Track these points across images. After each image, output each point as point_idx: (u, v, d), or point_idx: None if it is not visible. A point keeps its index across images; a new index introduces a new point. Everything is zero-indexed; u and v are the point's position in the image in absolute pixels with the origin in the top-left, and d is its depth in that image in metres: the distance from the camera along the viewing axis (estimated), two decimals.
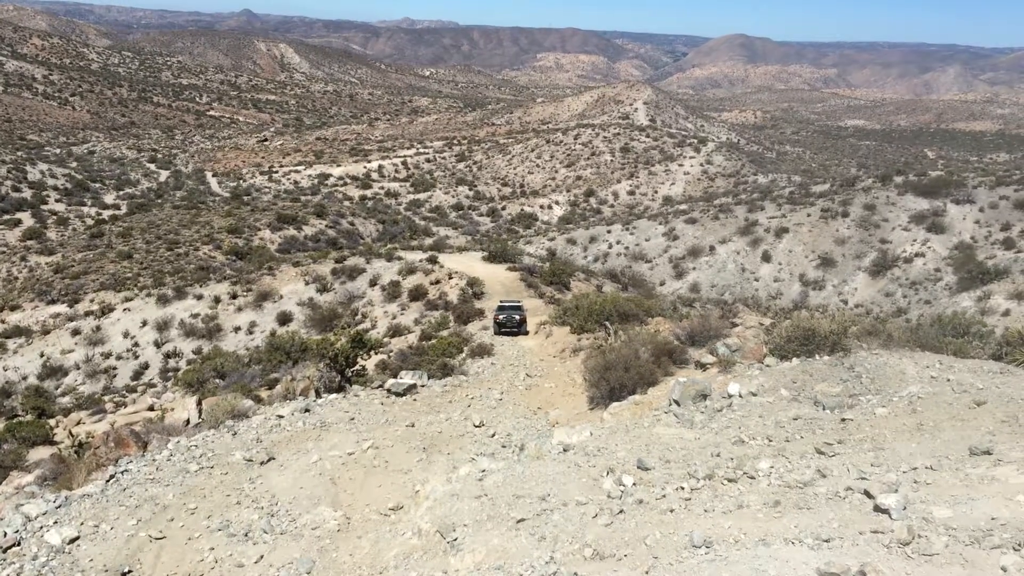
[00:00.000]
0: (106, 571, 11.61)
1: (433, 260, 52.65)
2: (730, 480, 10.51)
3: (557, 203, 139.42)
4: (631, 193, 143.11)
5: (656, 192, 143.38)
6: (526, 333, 31.42)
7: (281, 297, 52.10)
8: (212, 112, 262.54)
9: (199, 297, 53.28)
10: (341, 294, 51.05)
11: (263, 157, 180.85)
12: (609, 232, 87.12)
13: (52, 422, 31.88)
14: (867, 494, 9.21)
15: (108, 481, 14.47)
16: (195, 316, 51.03)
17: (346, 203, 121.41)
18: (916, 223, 73.95)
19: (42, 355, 48.70)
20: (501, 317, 32.27)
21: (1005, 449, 10.32)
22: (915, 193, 78.16)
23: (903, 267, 69.33)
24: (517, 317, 31.97)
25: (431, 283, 48.42)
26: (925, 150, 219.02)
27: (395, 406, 19.55)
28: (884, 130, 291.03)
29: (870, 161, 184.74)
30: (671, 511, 9.78)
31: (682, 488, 10.44)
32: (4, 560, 11.82)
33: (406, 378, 21.54)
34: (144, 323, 51.11)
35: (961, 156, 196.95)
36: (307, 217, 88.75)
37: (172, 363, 46.78)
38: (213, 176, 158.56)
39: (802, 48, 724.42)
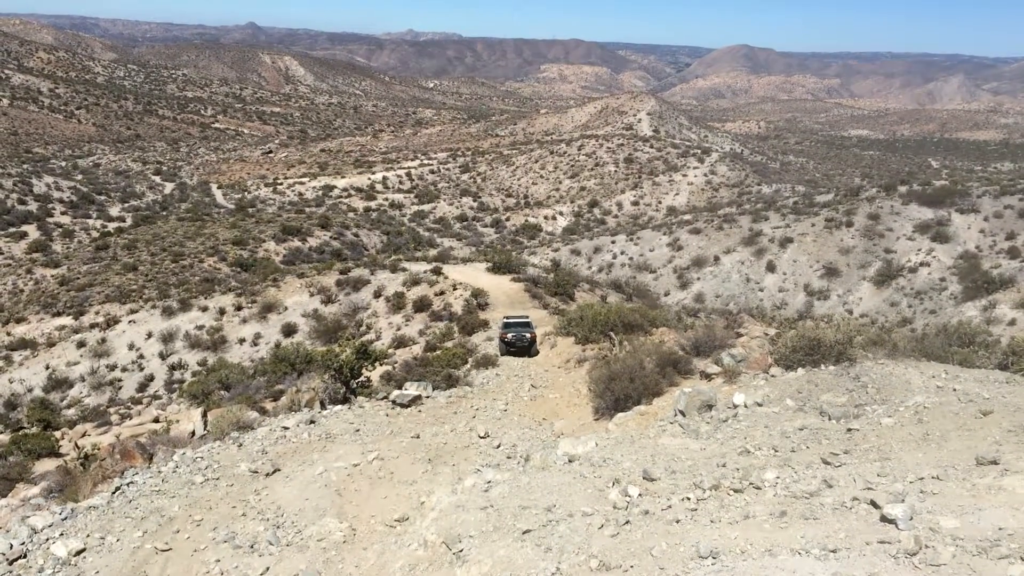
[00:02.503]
0: None
1: (437, 271, 52.68)
2: (736, 490, 10.49)
3: (561, 214, 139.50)
4: (635, 203, 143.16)
5: (660, 202, 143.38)
6: (536, 354, 28.46)
7: (286, 308, 52.15)
8: (217, 124, 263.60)
9: (204, 309, 53.36)
10: (346, 305, 51.08)
11: (268, 169, 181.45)
12: (613, 243, 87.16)
13: (58, 434, 31.92)
14: (874, 504, 9.19)
15: (114, 493, 14.48)
16: (200, 328, 51.09)
17: (350, 214, 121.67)
18: (921, 232, 73.86)
19: (47, 367, 48.78)
20: (510, 336, 28.86)
21: (1012, 459, 10.30)
22: (919, 203, 78.12)
23: (908, 277, 69.20)
24: (528, 335, 28.77)
25: (435, 294, 48.43)
26: (929, 160, 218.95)
27: (400, 417, 19.55)
28: (888, 140, 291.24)
29: (874, 171, 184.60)
30: (677, 521, 9.76)
31: (688, 498, 10.42)
32: (11, 572, 11.84)
33: (411, 389, 21.54)
34: (149, 335, 51.20)
35: (965, 166, 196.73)
36: (312, 229, 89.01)
37: (177, 375, 46.82)
38: (218, 188, 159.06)
39: (805, 58, 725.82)
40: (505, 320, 31.38)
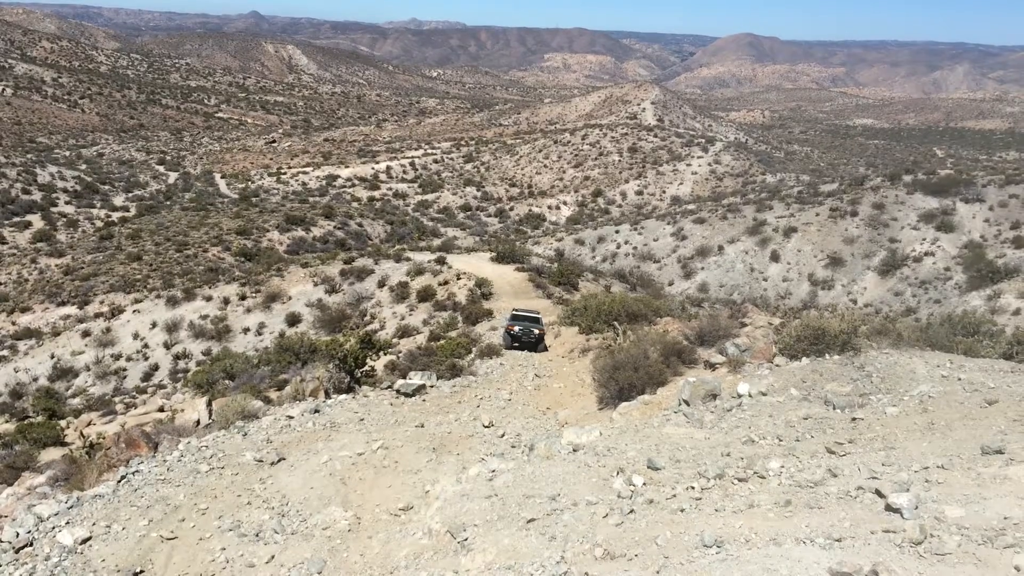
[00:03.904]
0: (118, 571, 11.67)
1: (441, 261, 52.69)
2: (740, 480, 10.50)
3: (565, 203, 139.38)
4: (639, 193, 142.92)
5: (664, 192, 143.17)
6: (545, 350, 27.26)
7: (290, 298, 52.22)
8: (220, 114, 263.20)
9: (208, 298, 53.43)
10: (350, 295, 51.13)
11: (271, 159, 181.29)
12: (617, 232, 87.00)
13: (63, 423, 32.02)
14: (878, 493, 9.18)
15: (119, 482, 14.53)
16: (204, 317, 51.18)
17: (354, 204, 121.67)
18: (925, 222, 73.61)
19: (52, 357, 48.91)
20: (516, 329, 27.62)
21: (1017, 448, 10.27)
22: (924, 192, 77.81)
23: (912, 266, 69.01)
24: (536, 331, 27.57)
25: (439, 284, 48.46)
26: (934, 149, 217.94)
27: (404, 407, 19.58)
28: (893, 129, 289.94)
29: (879, 160, 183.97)
30: (681, 511, 9.77)
31: (692, 488, 10.43)
32: (17, 560, 11.89)
33: (415, 379, 21.59)
34: (154, 324, 51.30)
35: (970, 155, 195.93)
36: (315, 218, 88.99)
37: (182, 364, 46.94)
38: (222, 178, 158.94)
39: (810, 47, 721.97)
40: (513, 312, 30.12)
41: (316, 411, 18.52)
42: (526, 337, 27.40)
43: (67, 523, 12.85)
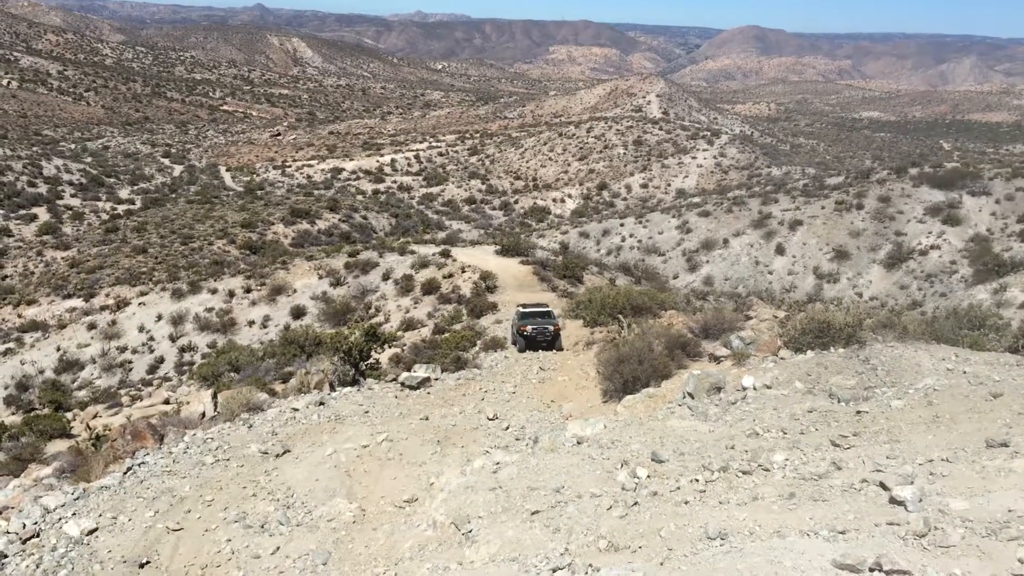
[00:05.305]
0: (124, 562, 11.73)
1: (446, 254, 52.66)
2: (745, 472, 10.51)
3: (570, 196, 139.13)
4: (644, 186, 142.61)
5: (669, 185, 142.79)
6: (560, 349, 25.17)
7: (295, 291, 52.26)
8: (225, 107, 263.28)
9: (213, 291, 53.51)
10: (354, 288, 51.14)
11: (276, 152, 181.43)
12: (622, 225, 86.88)
13: (69, 415, 32.15)
14: (883, 486, 9.19)
15: (125, 473, 14.60)
16: (209, 310, 51.25)
17: (359, 197, 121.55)
18: (931, 215, 73.32)
19: (58, 349, 49.06)
20: (530, 329, 25.06)
21: (1022, 441, 10.27)
22: (930, 185, 77.48)
23: (918, 259, 68.81)
24: (551, 328, 25.30)
25: (444, 277, 48.43)
26: (940, 142, 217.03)
27: (409, 399, 19.61)
28: (899, 122, 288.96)
29: (885, 153, 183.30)
30: (686, 503, 9.79)
31: (696, 480, 10.44)
32: (24, 551, 11.95)
33: (420, 371, 21.61)
34: (159, 317, 51.40)
35: (977, 148, 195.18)
36: (320, 211, 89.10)
37: (187, 357, 47.04)
38: (227, 171, 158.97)
39: (816, 39, 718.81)
40: (521, 310, 27.48)
41: (321, 403, 18.56)
42: (541, 336, 25.08)
43: (74, 514, 12.91)
